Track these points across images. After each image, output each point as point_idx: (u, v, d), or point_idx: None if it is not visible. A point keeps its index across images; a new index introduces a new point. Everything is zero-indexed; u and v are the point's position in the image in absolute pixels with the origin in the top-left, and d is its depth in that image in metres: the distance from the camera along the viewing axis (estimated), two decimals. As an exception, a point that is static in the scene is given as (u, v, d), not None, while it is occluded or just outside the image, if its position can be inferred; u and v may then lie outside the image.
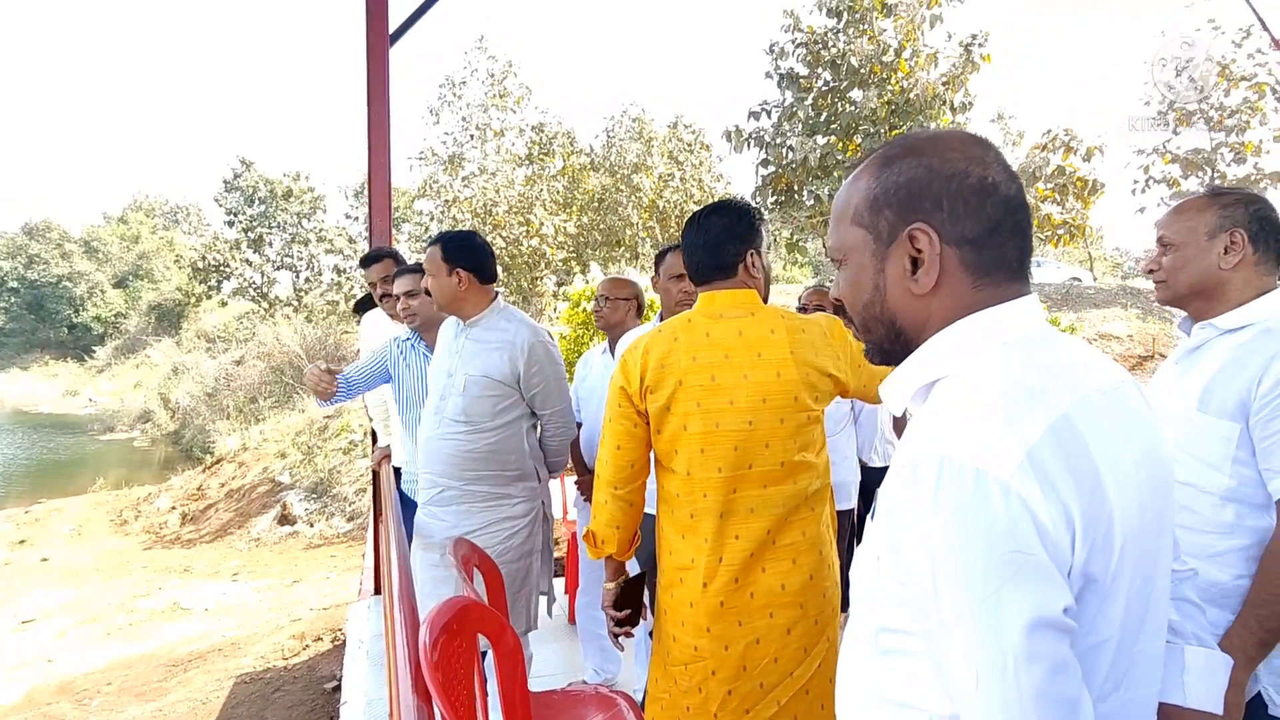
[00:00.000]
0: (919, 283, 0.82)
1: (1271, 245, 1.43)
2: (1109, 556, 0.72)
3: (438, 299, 2.32)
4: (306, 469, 11.32)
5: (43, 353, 38.34)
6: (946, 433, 0.72)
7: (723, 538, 1.53)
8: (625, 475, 1.64)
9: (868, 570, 0.82)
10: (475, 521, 2.27)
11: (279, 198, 28.53)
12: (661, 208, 23.22)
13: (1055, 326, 4.14)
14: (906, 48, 13.09)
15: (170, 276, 37.04)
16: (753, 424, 1.51)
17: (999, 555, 0.66)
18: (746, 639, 1.52)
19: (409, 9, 3.77)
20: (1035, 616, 0.65)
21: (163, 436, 19.16)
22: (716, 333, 1.57)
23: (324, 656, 5.21)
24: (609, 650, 3.06)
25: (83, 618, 7.26)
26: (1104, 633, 0.73)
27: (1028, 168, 12.74)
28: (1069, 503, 0.68)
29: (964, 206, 0.80)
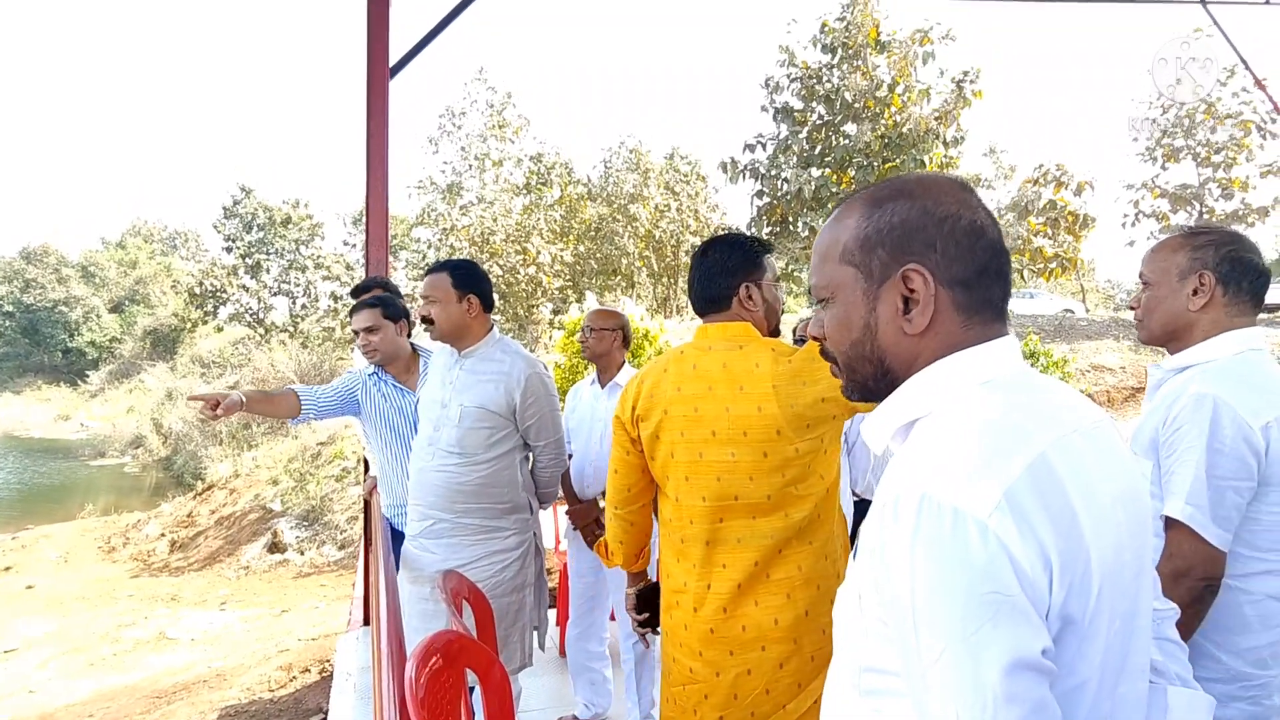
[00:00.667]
0: (912, 322, 0.83)
1: (1243, 287, 1.44)
2: (1087, 597, 0.72)
3: (443, 326, 2.29)
4: (298, 496, 11.23)
5: (36, 377, 38.15)
6: (926, 472, 0.73)
7: (710, 565, 1.55)
8: (623, 497, 1.73)
9: (849, 609, 0.82)
10: (467, 555, 2.25)
11: (277, 224, 28.70)
12: (658, 237, 23.42)
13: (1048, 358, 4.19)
14: (900, 83, 13.34)
15: (167, 302, 37.07)
16: (735, 456, 1.53)
17: (977, 596, 0.66)
18: (738, 668, 1.53)
19: (410, 42, 3.85)
20: (1014, 658, 0.65)
21: (154, 462, 19.01)
22: (703, 364, 1.60)
23: (311, 688, 5.12)
24: (599, 684, 3.02)
25: (66, 647, 7.13)
26: (1083, 674, 0.73)
27: (1020, 201, 12.92)
28: (1046, 543, 0.69)
29: (956, 249, 0.82)
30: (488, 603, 1.89)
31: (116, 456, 21.22)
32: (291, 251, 28.92)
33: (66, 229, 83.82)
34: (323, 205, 61.28)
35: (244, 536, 10.75)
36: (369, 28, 3.68)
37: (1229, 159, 13.92)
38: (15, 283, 39.51)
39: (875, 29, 13.36)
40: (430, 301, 2.29)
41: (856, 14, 13.38)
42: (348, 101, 60.92)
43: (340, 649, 3.70)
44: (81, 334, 38.57)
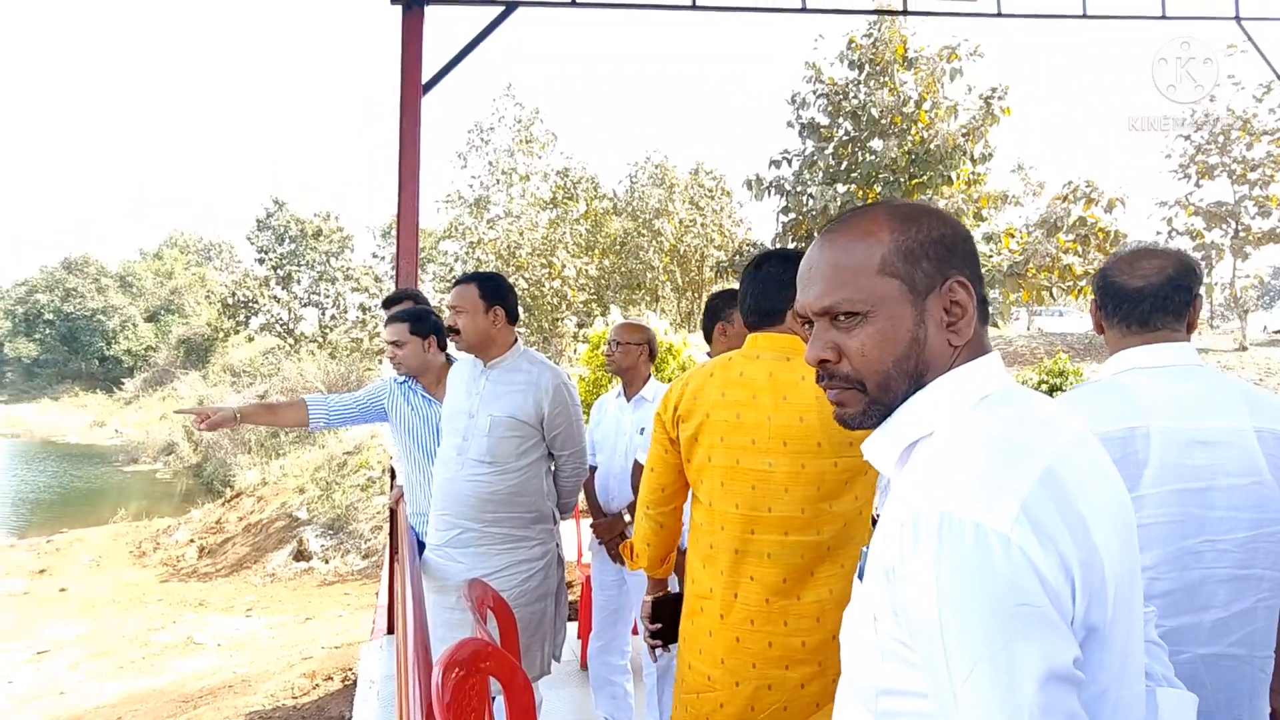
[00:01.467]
0: (959, 333, 0.84)
1: (1110, 310, 1.47)
2: (1105, 605, 0.72)
3: (469, 337, 2.33)
4: (324, 505, 11.36)
5: (73, 384, 39.14)
6: (941, 490, 0.73)
7: (737, 575, 1.54)
8: (656, 498, 1.72)
9: (862, 632, 0.82)
10: (493, 564, 2.27)
11: (309, 236, 29.23)
12: (682, 252, 23.46)
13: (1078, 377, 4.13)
14: (927, 99, 13.29)
15: (200, 311, 37.87)
16: (771, 466, 1.53)
17: (1006, 609, 0.66)
18: (758, 681, 1.52)
19: (442, 60, 3.93)
20: (1047, 669, 0.65)
21: (185, 469, 19.37)
22: (749, 372, 1.61)
23: (333, 696, 5.16)
24: (620, 698, 3.01)
25: (97, 650, 7.27)
26: (1103, 682, 0.74)
27: (1049, 218, 12.76)
28: (1066, 554, 0.69)
29: (976, 268, 0.87)
30: (511, 612, 1.90)
31: (149, 463, 21.66)
32: (321, 263, 29.43)
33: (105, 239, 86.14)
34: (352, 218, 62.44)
35: (270, 544, 10.89)
36: (403, 46, 3.76)
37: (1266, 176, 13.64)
38: (56, 292, 40.66)
39: (903, 45, 13.33)
40: (457, 312, 2.33)
41: (884, 30, 13.37)
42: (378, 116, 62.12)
43: (364, 657, 3.73)
44: (118, 342, 39.53)
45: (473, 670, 1.25)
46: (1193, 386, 1.37)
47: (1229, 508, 1.31)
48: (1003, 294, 12.83)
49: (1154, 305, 1.42)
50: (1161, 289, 1.42)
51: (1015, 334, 19.69)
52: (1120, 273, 1.46)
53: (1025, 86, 69.68)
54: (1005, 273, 12.38)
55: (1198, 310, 1.47)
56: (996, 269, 12.51)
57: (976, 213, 13.30)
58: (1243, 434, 1.31)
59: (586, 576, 3.44)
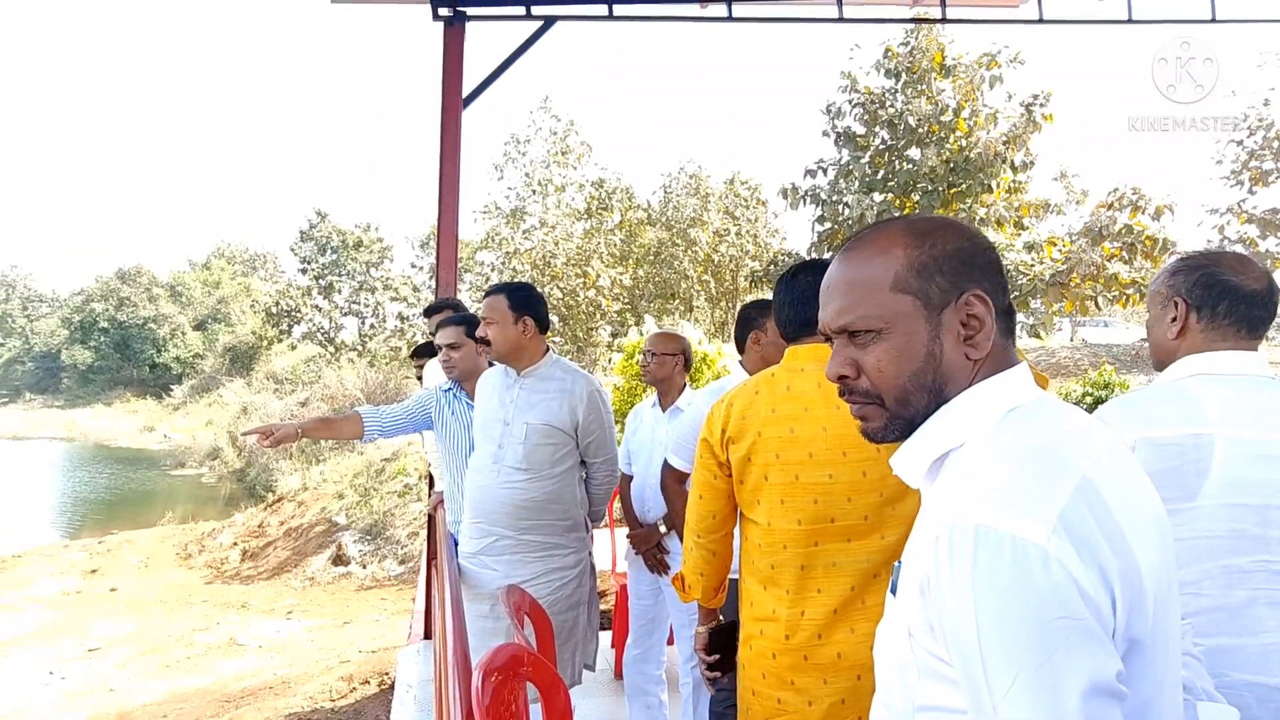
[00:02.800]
0: (977, 346, 0.84)
1: (1219, 310, 1.37)
2: (1145, 616, 0.71)
3: (499, 347, 2.35)
4: (362, 510, 11.54)
5: (125, 390, 40.45)
6: (975, 503, 0.72)
7: (804, 591, 1.51)
8: (707, 525, 1.67)
9: (897, 647, 0.81)
10: (527, 571, 2.29)
11: (349, 247, 29.90)
12: (717, 262, 23.44)
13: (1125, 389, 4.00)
14: (965, 107, 13.10)
15: (246, 320, 38.91)
16: (832, 477, 1.51)
17: (1048, 622, 0.65)
18: (832, 698, 1.48)
19: (483, 73, 4.00)
20: (1091, 683, 0.64)
21: (229, 473, 19.87)
22: (796, 386, 1.58)
23: (370, 700, 5.24)
24: (655, 708, 3.00)
25: (144, 649, 7.48)
26: (1147, 694, 0.72)
27: (1094, 226, 12.45)
28: (1106, 565, 0.68)
29: (998, 279, 0.86)
30: (548, 619, 1.91)
31: (195, 467, 22.27)
32: (362, 273, 30.07)
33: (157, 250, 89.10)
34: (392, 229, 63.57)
35: (310, 548, 11.10)
36: (445, 61, 3.84)
37: (1325, 182, 13.18)
38: (110, 300, 42.15)
39: (940, 53, 13.17)
40: (488, 323, 2.36)
41: (921, 39, 13.24)
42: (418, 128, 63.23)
43: (401, 661, 3.78)
44: (168, 350, 40.78)
45: (511, 676, 1.26)
46: (1264, 398, 1.30)
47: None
48: (1045, 304, 12.54)
49: (1267, 311, 1.37)
50: (1273, 295, 1.37)
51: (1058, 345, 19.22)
52: (1234, 272, 1.39)
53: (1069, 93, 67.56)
54: (1048, 282, 12.09)
55: None
56: (1038, 278, 12.23)
57: (1017, 221, 13.04)
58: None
59: (621, 586, 3.45)
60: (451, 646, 1.40)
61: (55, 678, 6.78)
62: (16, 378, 47.00)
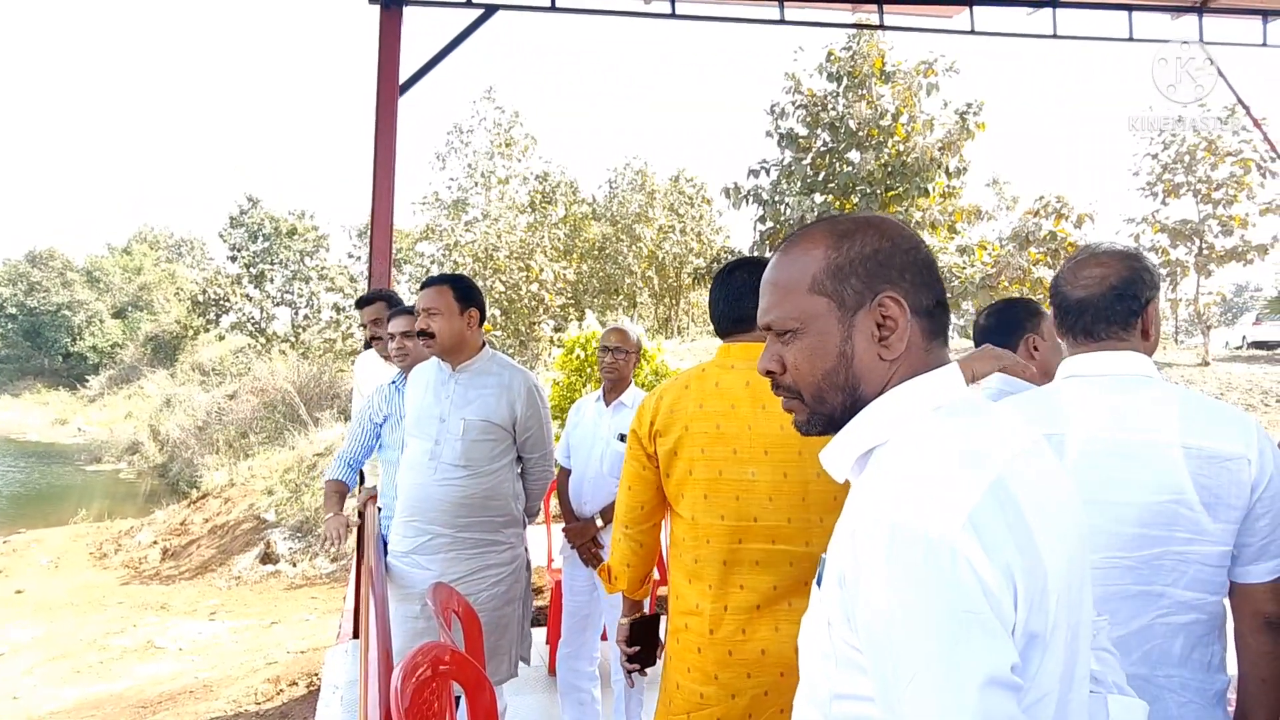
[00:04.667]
0: (890, 348, 0.85)
1: (1059, 320, 1.44)
2: (1046, 612, 0.74)
3: (445, 340, 2.29)
4: (293, 507, 11.18)
5: (35, 380, 38.15)
6: (893, 499, 0.74)
7: (727, 585, 1.52)
8: (635, 516, 1.68)
9: (817, 636, 0.83)
10: (462, 569, 2.25)
11: (283, 235, 28.85)
12: (661, 258, 23.54)
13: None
14: (904, 113, 13.48)
15: (170, 309, 37.15)
16: (755, 475, 1.52)
17: (951, 616, 0.68)
18: (755, 690, 1.50)
19: (420, 60, 3.90)
20: (987, 675, 0.66)
21: (150, 469, 18.94)
22: (725, 382, 1.59)
23: (298, 702, 5.07)
24: (588, 704, 2.99)
25: (53, 653, 7.07)
26: (1045, 687, 0.75)
27: (1021, 231, 13.00)
28: (1011, 562, 0.71)
29: (920, 278, 0.87)
30: (477, 616, 1.88)
31: (113, 462, 21.15)
32: (296, 262, 29.05)
33: (72, 233, 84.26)
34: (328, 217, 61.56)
35: (237, 546, 10.69)
36: (381, 45, 3.74)
37: (1229, 196, 13.97)
38: (19, 285, 39.65)
39: (880, 59, 13.52)
40: (432, 314, 2.28)
41: (862, 44, 13.55)
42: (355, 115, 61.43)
43: (328, 661, 3.67)
44: (84, 338, 38.63)
45: (433, 674, 1.23)
46: (1126, 398, 1.32)
47: (1140, 524, 1.26)
48: (975, 306, 13.03)
49: (1096, 316, 1.37)
50: (1103, 299, 1.37)
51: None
52: (1065, 282, 1.43)
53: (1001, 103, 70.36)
54: (978, 285, 12.58)
55: (1151, 316, 1.40)
56: (969, 281, 12.70)
57: (950, 226, 13.51)
58: (1167, 450, 1.26)
59: (557, 582, 3.42)
60: (375, 646, 1.36)
61: (-47, 686, 6.35)
62: (-88, 366, 43.82)
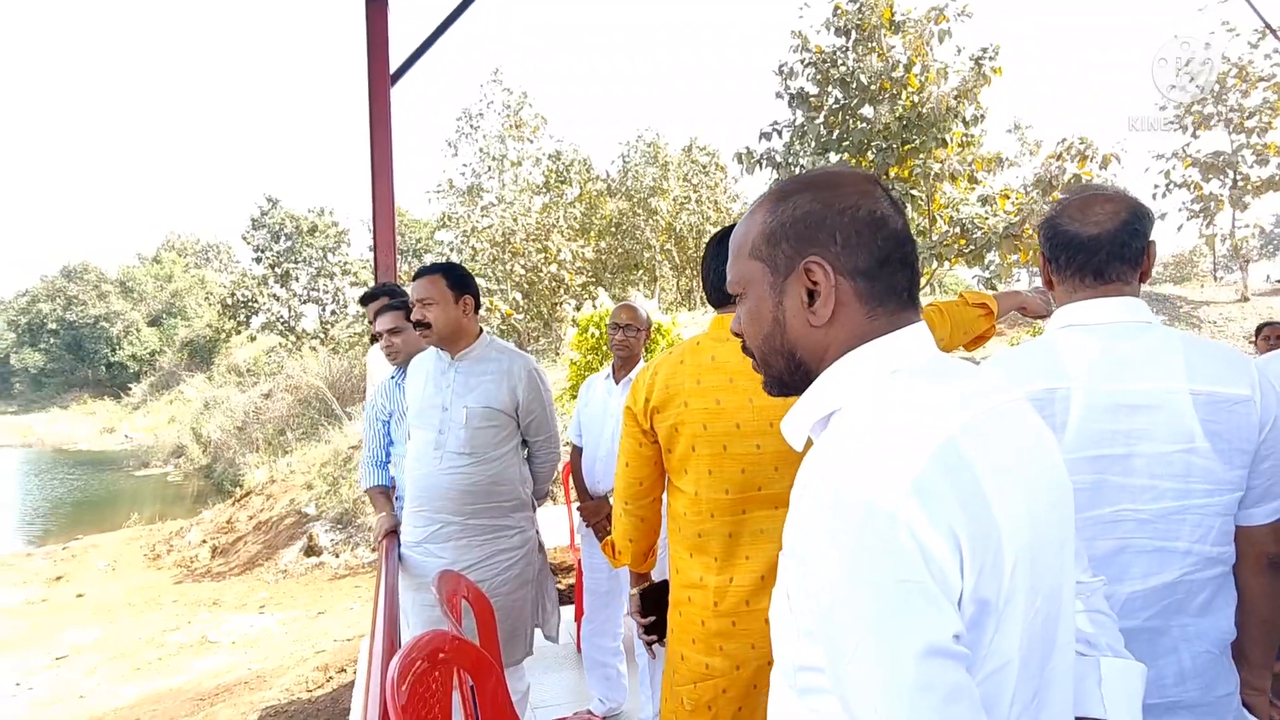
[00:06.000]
0: (816, 314, 0.84)
1: (1062, 262, 1.35)
2: (1000, 578, 0.71)
3: (441, 329, 2.29)
4: (332, 500, 11.43)
5: (81, 391, 39.34)
6: (836, 467, 0.73)
7: (732, 558, 1.52)
8: (635, 491, 1.69)
9: (781, 607, 0.82)
10: (474, 556, 2.28)
11: (304, 233, 29.16)
12: (678, 230, 23.36)
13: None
14: (916, 63, 13.10)
15: (202, 313, 37.93)
16: (760, 447, 1.51)
17: (888, 585, 0.67)
18: (759, 660, 1.51)
19: (409, 49, 3.88)
20: (926, 645, 0.65)
21: (195, 470, 19.51)
22: (721, 355, 1.57)
23: (347, 688, 5.23)
24: (614, 679, 3.04)
25: (113, 653, 7.38)
26: (1005, 654, 0.73)
27: (1044, 177, 12.63)
28: (956, 529, 0.69)
29: (857, 239, 0.83)
30: (488, 602, 1.91)
31: (160, 466, 21.82)
32: (319, 259, 29.38)
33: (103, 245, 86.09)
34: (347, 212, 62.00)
35: (281, 541, 10.99)
36: (369, 36, 3.72)
37: (1263, 124, 13.40)
38: (58, 300, 40.76)
39: (889, 9, 13.13)
40: (427, 304, 2.28)
41: (870, -6, 13.17)
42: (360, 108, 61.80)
43: (363, 651, 3.78)
44: (122, 348, 39.66)
45: (431, 665, 1.26)
46: (1128, 346, 1.27)
47: (1151, 475, 1.22)
48: (1000, 256, 12.74)
49: (1110, 254, 1.31)
50: (1117, 236, 1.30)
51: (1016, 296, 19.55)
52: (1071, 220, 1.34)
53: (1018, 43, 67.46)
54: (1001, 235, 12.28)
55: (1151, 258, 1.35)
56: (992, 231, 12.41)
57: (970, 175, 13.16)
58: (1174, 397, 1.22)
59: (578, 560, 3.47)
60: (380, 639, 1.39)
61: (22, 689, 6.66)
62: (-35, 386, 45.44)
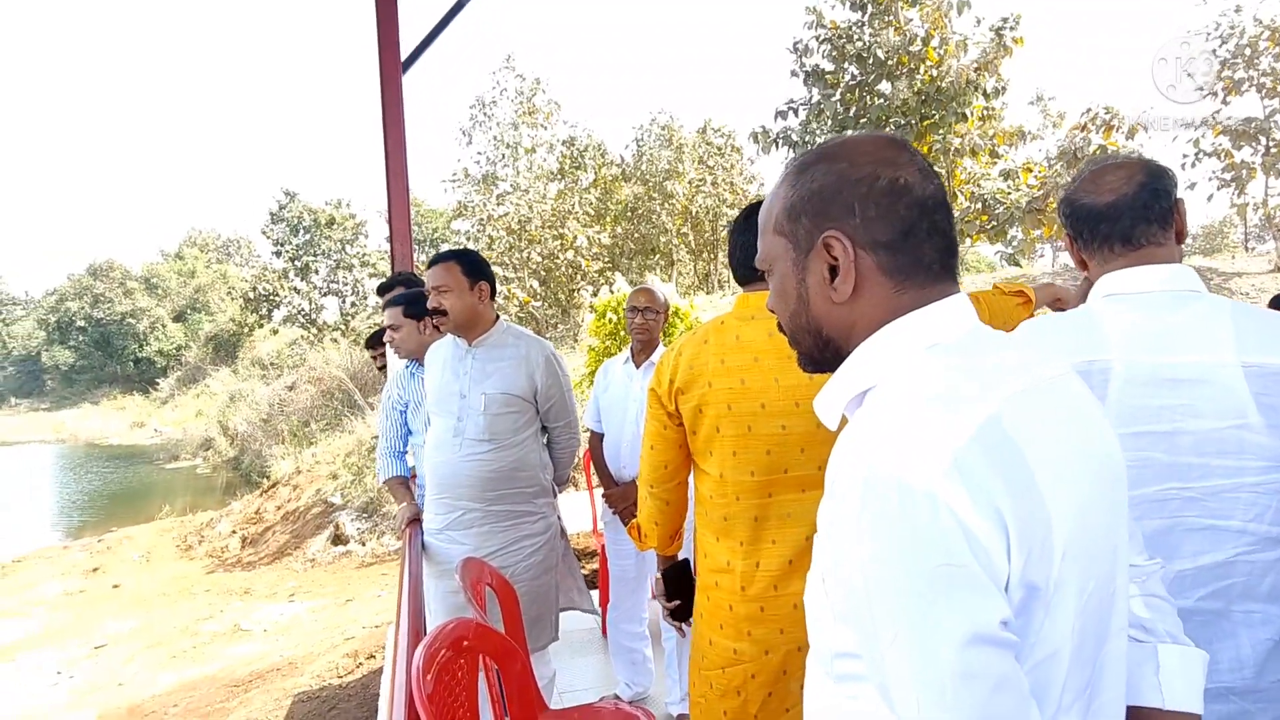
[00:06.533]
0: (838, 290, 0.80)
1: (1086, 236, 1.31)
2: (1049, 562, 0.68)
3: (458, 316, 2.27)
4: (356, 489, 11.57)
5: (111, 387, 40.12)
6: (869, 446, 0.70)
7: (758, 542, 1.50)
8: (660, 475, 1.66)
9: (816, 592, 0.80)
10: (496, 542, 2.28)
11: (322, 226, 29.37)
12: (695, 213, 23.20)
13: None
14: (934, 36, 12.83)
15: (225, 308, 38.41)
16: (786, 428, 1.48)
17: (928, 570, 0.63)
18: (788, 645, 1.49)
19: (420, 36, 3.86)
20: (971, 633, 0.62)
21: (223, 463, 19.85)
22: (746, 335, 1.54)
23: (377, 674, 5.31)
24: (640, 664, 3.04)
25: (150, 642, 7.55)
26: (1054, 643, 0.69)
27: (1068, 149, 12.36)
28: (1002, 508, 0.65)
29: (875, 210, 0.78)
30: (512, 589, 1.91)
31: (189, 459, 22.22)
32: (337, 252, 29.61)
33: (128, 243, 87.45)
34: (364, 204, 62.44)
35: (308, 530, 11.15)
36: (378, 24, 3.70)
37: (1298, 87, 13.01)
38: (85, 298, 41.48)
39: (906, -20, 12.86)
40: (441, 292, 2.27)
41: (885, -33, 12.90)
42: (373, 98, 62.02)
43: (389, 638, 3.82)
44: (149, 344, 40.33)
45: (456, 653, 1.25)
46: (1174, 317, 1.21)
47: (1199, 453, 1.17)
48: (1023, 231, 12.51)
49: (1133, 218, 1.26)
50: (1137, 197, 1.25)
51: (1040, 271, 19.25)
52: (1085, 193, 1.31)
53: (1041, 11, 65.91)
54: (1024, 209, 12.04)
55: (1182, 215, 1.29)
56: (1015, 206, 12.18)
57: (992, 150, 12.91)
58: (1224, 371, 1.15)
59: (603, 546, 3.46)
60: (405, 628, 1.39)
61: (64, 677, 6.84)
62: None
